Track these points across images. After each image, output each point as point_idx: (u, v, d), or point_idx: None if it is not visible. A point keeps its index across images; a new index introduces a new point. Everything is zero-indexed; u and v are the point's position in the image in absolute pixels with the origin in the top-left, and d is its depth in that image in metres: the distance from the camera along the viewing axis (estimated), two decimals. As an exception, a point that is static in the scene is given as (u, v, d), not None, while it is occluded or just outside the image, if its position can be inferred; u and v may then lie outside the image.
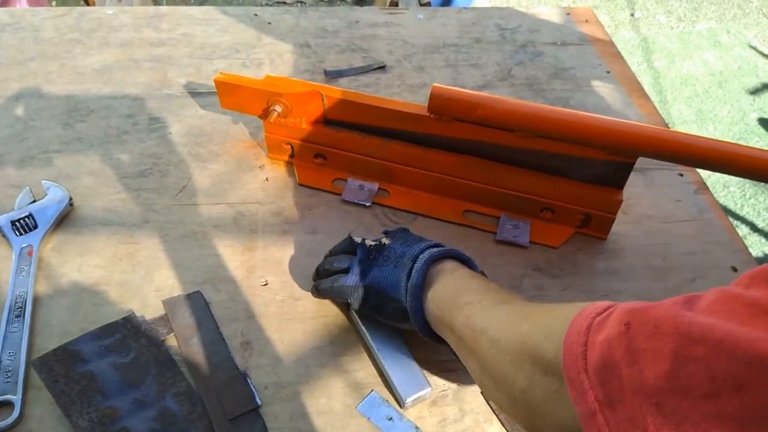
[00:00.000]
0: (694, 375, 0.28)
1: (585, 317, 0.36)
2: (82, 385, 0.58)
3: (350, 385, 0.60)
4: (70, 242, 0.70)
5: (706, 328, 0.28)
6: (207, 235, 0.71)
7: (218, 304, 0.65)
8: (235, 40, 1.00)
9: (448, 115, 0.70)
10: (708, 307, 0.29)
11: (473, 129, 0.70)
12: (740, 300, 0.28)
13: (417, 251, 0.58)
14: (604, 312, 0.36)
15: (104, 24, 1.00)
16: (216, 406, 0.58)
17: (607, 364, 0.32)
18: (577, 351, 0.35)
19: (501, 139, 0.70)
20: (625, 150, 0.67)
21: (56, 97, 0.87)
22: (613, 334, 0.32)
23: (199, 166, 0.79)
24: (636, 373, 0.30)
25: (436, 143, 0.74)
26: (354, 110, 0.73)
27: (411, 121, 0.72)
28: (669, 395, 0.28)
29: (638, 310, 0.32)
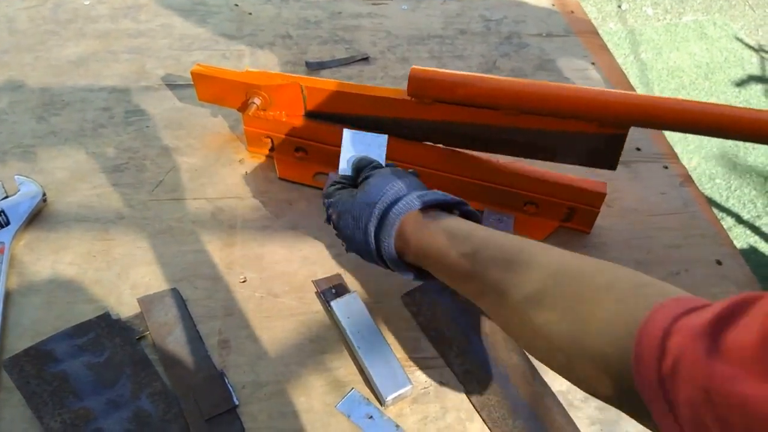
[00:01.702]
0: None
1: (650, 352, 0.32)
2: (55, 385, 0.56)
3: (330, 383, 0.59)
4: (44, 239, 0.68)
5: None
6: (184, 230, 0.70)
7: (195, 302, 0.64)
8: (214, 30, 0.98)
9: (429, 97, 0.68)
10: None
11: (456, 110, 0.68)
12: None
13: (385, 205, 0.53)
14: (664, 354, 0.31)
15: (81, 14, 0.98)
16: (192, 406, 0.56)
17: (698, 426, 0.29)
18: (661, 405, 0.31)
19: (486, 118, 0.68)
20: (615, 119, 0.64)
21: (30, 90, 0.85)
22: (695, 398, 0.29)
23: (176, 160, 0.77)
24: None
25: (419, 128, 0.72)
26: (334, 99, 0.72)
27: (392, 107, 0.70)
28: None
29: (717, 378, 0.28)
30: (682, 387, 0.30)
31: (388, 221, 0.53)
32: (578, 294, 0.40)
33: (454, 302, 0.65)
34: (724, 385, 0.27)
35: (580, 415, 0.58)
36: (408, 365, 0.61)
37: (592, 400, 0.59)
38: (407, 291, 0.66)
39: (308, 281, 0.66)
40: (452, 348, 0.62)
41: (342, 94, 0.71)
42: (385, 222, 0.53)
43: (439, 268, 0.51)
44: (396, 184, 0.55)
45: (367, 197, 0.55)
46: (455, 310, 0.65)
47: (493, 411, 0.58)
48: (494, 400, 0.58)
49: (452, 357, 0.61)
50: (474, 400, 0.58)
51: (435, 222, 0.52)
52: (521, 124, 0.67)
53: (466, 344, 0.62)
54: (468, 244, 0.49)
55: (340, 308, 0.63)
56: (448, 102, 0.67)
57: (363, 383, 0.59)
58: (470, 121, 0.69)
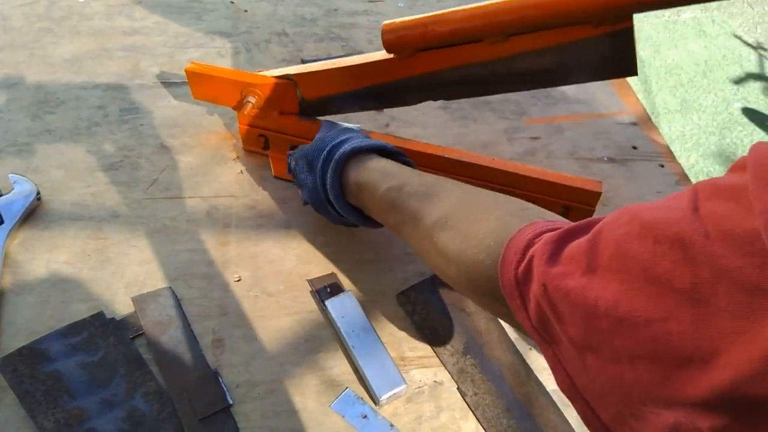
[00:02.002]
0: (601, 343, 0.31)
1: (509, 267, 0.39)
2: (48, 385, 0.56)
3: (324, 382, 0.59)
4: (38, 238, 0.68)
5: (611, 305, 0.30)
6: (179, 229, 0.69)
7: (190, 301, 0.63)
8: (210, 28, 0.97)
9: (408, 47, 0.64)
10: (608, 267, 0.31)
11: (442, 55, 0.64)
12: (639, 264, 0.29)
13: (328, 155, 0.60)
14: (522, 261, 0.38)
15: (75, 12, 0.97)
16: (186, 405, 0.56)
17: (542, 317, 0.36)
18: (518, 303, 0.38)
19: (474, 55, 0.63)
20: (609, 9, 0.57)
21: (25, 88, 0.84)
22: (537, 293, 0.35)
23: (171, 158, 0.77)
24: (562, 329, 0.34)
25: (413, 88, 0.68)
26: (324, 80, 0.70)
27: (380, 71, 0.68)
28: (587, 352, 0.32)
29: (551, 277, 0.34)
30: (531, 285, 0.36)
31: (333, 160, 0.59)
32: (472, 216, 0.47)
33: (448, 301, 0.65)
34: (555, 280, 0.34)
35: (574, 414, 0.58)
36: (402, 364, 0.61)
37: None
38: (402, 290, 0.66)
39: (303, 280, 0.66)
40: (447, 347, 0.62)
41: (329, 72, 0.69)
42: (331, 161, 0.59)
43: (371, 202, 0.57)
44: (345, 134, 0.62)
45: (320, 143, 0.62)
46: (450, 309, 0.65)
47: (487, 410, 0.58)
48: (488, 400, 0.58)
49: (447, 356, 0.61)
50: (468, 400, 0.58)
51: (372, 162, 0.59)
52: (512, 49, 0.62)
53: (460, 343, 0.62)
54: (396, 179, 0.55)
55: (335, 307, 0.63)
56: (429, 47, 0.64)
57: (357, 382, 0.59)
58: (460, 63, 0.64)
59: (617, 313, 0.30)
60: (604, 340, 0.31)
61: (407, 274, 0.68)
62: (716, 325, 0.26)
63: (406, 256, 0.69)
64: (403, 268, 0.68)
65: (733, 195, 0.27)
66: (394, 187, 0.54)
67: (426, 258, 0.52)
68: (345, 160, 0.59)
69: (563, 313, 0.33)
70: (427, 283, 0.67)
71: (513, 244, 0.39)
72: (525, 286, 0.37)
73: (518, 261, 0.38)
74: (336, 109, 0.74)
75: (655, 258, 0.29)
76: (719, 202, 0.28)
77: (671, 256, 0.28)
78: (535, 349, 0.62)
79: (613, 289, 0.30)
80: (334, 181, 0.59)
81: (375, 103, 0.71)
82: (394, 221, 0.55)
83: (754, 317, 0.24)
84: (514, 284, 0.38)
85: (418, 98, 0.71)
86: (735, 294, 0.25)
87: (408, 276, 0.68)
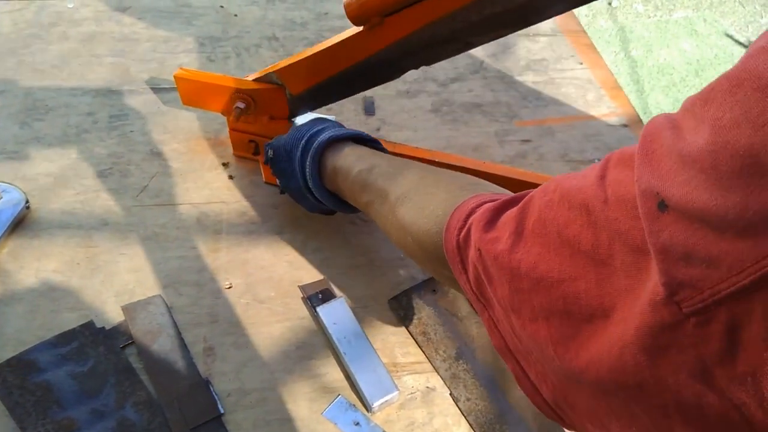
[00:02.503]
0: (522, 302, 0.33)
1: (452, 232, 0.41)
2: (38, 395, 0.56)
3: (317, 390, 0.59)
4: (27, 246, 0.67)
5: (530, 266, 0.33)
6: (169, 236, 0.69)
7: (180, 309, 0.63)
8: (200, 33, 0.97)
9: (373, 14, 0.62)
10: (532, 231, 0.34)
11: (409, 17, 0.61)
12: (555, 228, 0.32)
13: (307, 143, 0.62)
14: (464, 228, 0.40)
15: (64, 18, 0.97)
16: (177, 415, 0.56)
17: (478, 281, 0.38)
18: (459, 268, 0.40)
19: (440, 8, 0.60)
20: None
21: (13, 95, 0.84)
22: (474, 257, 0.38)
23: (161, 164, 0.77)
24: (492, 290, 0.36)
25: (393, 59, 0.66)
26: (305, 70, 0.69)
27: (355, 47, 0.66)
28: (511, 312, 0.35)
29: (485, 242, 0.37)
30: (469, 251, 0.39)
31: (312, 148, 0.61)
32: (427, 191, 0.50)
33: (441, 306, 0.65)
34: (487, 245, 0.36)
35: (567, 419, 0.58)
36: (395, 370, 0.60)
37: (579, 403, 0.59)
38: (394, 296, 0.66)
39: (294, 286, 0.66)
40: (439, 352, 0.62)
41: (308, 59, 0.68)
42: (310, 150, 0.61)
43: (344, 184, 0.59)
44: (321, 123, 0.65)
45: (297, 133, 0.64)
46: (442, 314, 0.64)
47: (480, 416, 0.57)
48: (481, 405, 0.58)
49: (439, 361, 0.61)
50: (461, 405, 0.58)
51: (348, 149, 0.61)
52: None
53: (453, 348, 0.62)
54: (367, 162, 0.58)
55: (327, 314, 0.62)
56: (392, 10, 0.61)
57: (350, 389, 0.59)
58: (429, 20, 0.62)
59: (535, 273, 0.32)
60: (524, 300, 0.33)
61: (399, 279, 0.68)
62: (614, 283, 0.28)
63: (398, 260, 0.69)
64: (396, 273, 0.68)
65: (631, 163, 0.28)
66: (365, 169, 0.57)
67: (389, 232, 0.54)
68: (323, 148, 0.61)
69: (493, 276, 0.36)
70: (419, 288, 0.66)
71: (457, 213, 0.42)
72: (465, 252, 0.40)
73: (460, 228, 0.41)
74: (326, 99, 0.73)
75: (568, 222, 0.31)
76: (621, 170, 0.30)
77: (579, 221, 0.30)
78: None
79: (534, 252, 0.33)
80: (313, 167, 0.61)
81: (361, 83, 0.70)
82: (364, 200, 0.57)
83: (640, 276, 0.27)
84: (455, 250, 0.40)
85: (401, 68, 0.69)
86: (626, 255, 0.27)
87: (400, 281, 0.68)
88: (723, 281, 0.23)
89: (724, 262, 0.23)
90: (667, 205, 0.25)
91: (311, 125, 0.64)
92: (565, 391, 0.33)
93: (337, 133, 0.62)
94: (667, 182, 0.25)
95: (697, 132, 0.25)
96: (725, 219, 0.23)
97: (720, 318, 0.23)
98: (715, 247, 0.23)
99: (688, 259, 0.24)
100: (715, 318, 0.23)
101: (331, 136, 0.61)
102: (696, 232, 0.24)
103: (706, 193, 0.23)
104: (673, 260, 0.24)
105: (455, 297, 0.66)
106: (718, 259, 0.23)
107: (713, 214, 0.23)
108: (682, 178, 0.25)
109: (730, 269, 0.22)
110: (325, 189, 0.62)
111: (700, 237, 0.23)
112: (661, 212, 0.25)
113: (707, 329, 0.24)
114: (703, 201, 0.23)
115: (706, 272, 0.23)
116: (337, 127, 0.65)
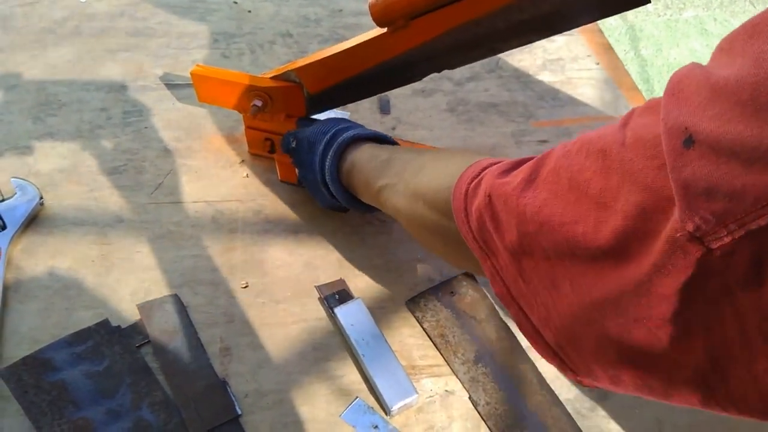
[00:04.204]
0: (531, 245, 0.34)
1: (464, 182, 0.42)
2: (53, 395, 0.55)
3: (334, 392, 0.58)
4: (41, 243, 0.67)
5: (535, 210, 0.34)
6: (184, 235, 0.68)
7: (196, 308, 0.62)
8: (214, 29, 0.96)
9: (399, 17, 0.61)
10: (545, 179, 0.35)
11: (435, 21, 0.60)
12: (568, 174, 0.33)
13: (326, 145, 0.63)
14: (477, 176, 0.41)
15: (77, 12, 0.96)
16: (194, 416, 0.55)
17: (482, 228, 0.39)
18: (462, 216, 0.41)
19: (467, 13, 0.59)
20: None
21: (26, 90, 0.83)
22: (481, 204, 0.39)
23: (176, 162, 0.76)
24: (499, 237, 0.37)
25: (418, 61, 0.65)
26: (325, 71, 0.68)
27: (378, 49, 0.64)
28: (522, 255, 0.36)
29: (495, 188, 0.38)
30: (476, 199, 0.40)
31: (336, 144, 0.62)
32: (445, 158, 0.51)
33: (459, 309, 0.64)
34: (498, 189, 0.38)
35: (588, 424, 0.57)
36: (413, 373, 0.60)
37: (599, 409, 0.58)
38: (411, 297, 0.65)
39: (310, 287, 0.65)
40: (458, 355, 0.61)
41: (329, 59, 0.67)
42: (333, 145, 0.62)
43: (360, 175, 0.60)
44: (345, 122, 0.66)
45: (323, 127, 0.65)
46: (461, 316, 0.64)
47: (500, 420, 0.57)
48: (501, 410, 0.57)
49: (458, 364, 0.60)
50: (480, 410, 0.57)
51: (367, 145, 0.62)
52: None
53: (471, 351, 0.61)
54: (386, 153, 0.59)
55: (344, 315, 0.62)
56: (419, 12, 0.60)
57: (368, 392, 0.58)
58: (455, 24, 0.60)
59: (539, 217, 0.33)
60: (533, 242, 0.34)
61: (417, 280, 0.67)
62: (611, 225, 0.29)
63: (416, 262, 0.68)
64: (413, 274, 0.68)
65: (657, 108, 0.29)
66: (384, 159, 0.58)
67: (400, 208, 0.54)
68: (347, 144, 0.62)
69: (502, 220, 0.37)
70: (437, 290, 0.66)
71: (472, 167, 0.43)
72: (471, 200, 0.40)
73: (473, 178, 0.42)
74: (343, 99, 0.72)
75: (582, 169, 0.32)
76: (646, 115, 0.30)
77: (594, 166, 0.31)
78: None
79: (541, 198, 0.34)
80: (332, 162, 0.61)
81: (381, 84, 0.69)
82: (379, 186, 0.57)
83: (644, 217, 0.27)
84: (463, 198, 0.41)
85: (422, 71, 0.68)
86: (632, 194, 0.28)
87: (418, 282, 0.67)
88: (748, 213, 0.23)
89: (750, 195, 0.23)
90: (693, 141, 0.25)
91: (337, 122, 0.65)
92: (572, 332, 0.33)
93: (361, 133, 0.63)
94: (697, 117, 0.25)
95: (735, 66, 0.25)
96: (758, 150, 0.22)
97: (744, 250, 0.23)
98: (739, 180, 0.23)
99: (710, 194, 0.24)
100: (739, 250, 0.24)
101: (356, 134, 0.62)
102: (720, 167, 0.24)
103: (740, 124, 0.23)
104: (695, 195, 0.24)
105: (474, 299, 0.65)
106: (742, 192, 0.23)
107: (746, 145, 0.23)
108: (713, 111, 0.25)
109: (756, 201, 0.23)
110: (341, 184, 0.63)
111: (724, 171, 0.23)
112: (686, 149, 0.25)
113: (731, 260, 0.24)
114: (737, 132, 0.23)
115: (729, 206, 0.23)
116: (362, 127, 0.65)
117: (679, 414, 0.58)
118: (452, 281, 0.66)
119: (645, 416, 0.58)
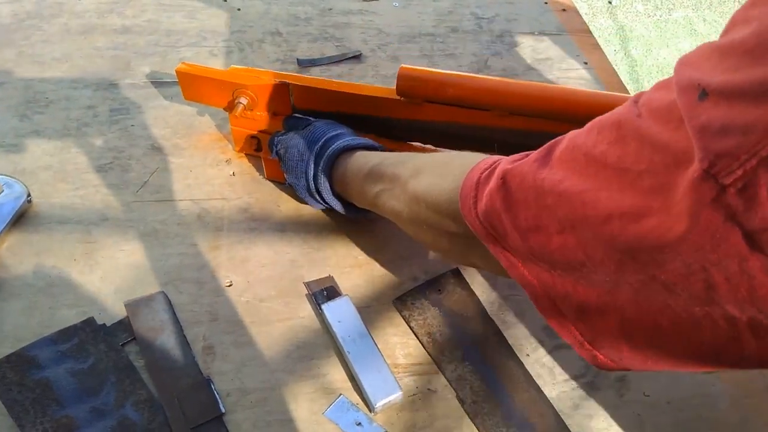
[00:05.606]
0: (548, 218, 0.35)
1: (475, 172, 0.43)
2: (37, 393, 0.55)
3: (318, 390, 0.58)
4: (26, 241, 0.66)
5: (555, 183, 0.35)
6: (169, 233, 0.68)
7: (180, 307, 0.62)
8: (202, 27, 0.96)
9: (418, 97, 0.67)
10: (560, 156, 0.36)
11: (447, 110, 0.67)
12: (583, 151, 0.34)
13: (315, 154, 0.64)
14: (490, 167, 0.42)
15: (65, 9, 0.96)
16: (178, 414, 0.55)
17: (490, 212, 0.40)
18: (470, 203, 0.42)
19: (476, 119, 0.66)
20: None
21: (13, 87, 0.83)
22: (493, 188, 0.39)
23: (162, 160, 0.76)
24: (511, 217, 0.38)
25: (409, 128, 0.70)
26: (322, 97, 0.70)
27: (382, 106, 0.69)
28: (534, 232, 0.36)
29: (510, 169, 0.39)
30: (487, 185, 0.40)
31: (326, 155, 0.63)
32: (444, 162, 0.52)
33: (446, 307, 0.64)
34: (514, 170, 0.38)
35: (569, 422, 0.58)
36: (398, 371, 0.60)
37: (582, 408, 0.59)
38: (399, 295, 0.65)
39: (295, 285, 0.65)
40: (444, 354, 0.61)
41: (330, 92, 0.69)
42: (324, 156, 0.63)
43: (354, 181, 0.60)
44: (337, 129, 0.66)
45: (312, 135, 0.65)
46: (448, 314, 0.64)
47: (486, 418, 0.57)
48: (487, 408, 0.58)
49: (444, 363, 0.61)
50: (467, 407, 0.58)
51: (359, 153, 0.63)
52: (512, 124, 0.66)
53: (458, 350, 0.61)
54: (377, 159, 0.59)
55: (332, 312, 0.62)
56: (438, 102, 0.66)
57: (352, 389, 0.58)
58: (460, 121, 0.67)
59: (558, 189, 0.34)
60: (550, 214, 0.35)
61: (403, 279, 0.67)
62: (638, 184, 0.30)
63: (403, 260, 0.69)
64: (400, 273, 0.68)
65: (668, 85, 0.30)
66: (376, 162, 0.58)
67: (400, 212, 0.54)
68: (336, 156, 0.63)
69: (517, 200, 0.37)
70: (424, 288, 0.66)
71: (485, 161, 0.43)
72: (482, 188, 0.41)
73: (485, 169, 0.42)
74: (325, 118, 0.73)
75: (596, 144, 0.33)
76: (657, 92, 0.31)
77: (608, 139, 0.32)
78: (533, 355, 0.62)
79: (559, 175, 0.35)
80: (324, 173, 0.63)
81: (367, 127, 0.71)
82: (375, 191, 0.57)
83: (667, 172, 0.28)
84: (474, 186, 0.42)
85: (410, 137, 0.73)
86: (654, 154, 0.29)
87: (404, 280, 0.67)
88: (759, 142, 0.24)
89: (760, 125, 0.24)
90: (707, 93, 0.26)
91: (327, 128, 0.66)
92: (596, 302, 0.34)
93: (351, 143, 0.64)
94: (708, 74, 0.27)
95: (740, 32, 0.27)
96: (765, 86, 0.24)
97: (760, 181, 0.24)
98: (751, 115, 0.24)
99: (725, 132, 0.25)
100: (754, 182, 0.24)
101: (346, 145, 0.63)
102: (733, 108, 0.25)
103: (749, 68, 0.25)
104: (710, 135, 0.26)
105: (461, 297, 0.65)
106: (754, 125, 0.24)
107: (755, 84, 0.24)
108: (724, 66, 0.26)
109: (766, 131, 0.24)
110: (334, 192, 0.64)
111: (737, 111, 0.25)
112: (700, 101, 0.27)
113: (748, 194, 0.25)
114: (746, 75, 0.25)
115: (743, 139, 0.24)
116: (352, 135, 0.66)
117: (662, 413, 0.58)
118: (440, 279, 0.67)
119: (627, 415, 0.58)
